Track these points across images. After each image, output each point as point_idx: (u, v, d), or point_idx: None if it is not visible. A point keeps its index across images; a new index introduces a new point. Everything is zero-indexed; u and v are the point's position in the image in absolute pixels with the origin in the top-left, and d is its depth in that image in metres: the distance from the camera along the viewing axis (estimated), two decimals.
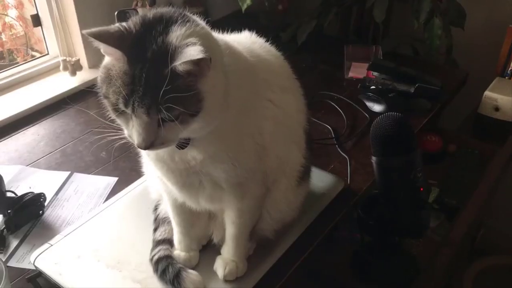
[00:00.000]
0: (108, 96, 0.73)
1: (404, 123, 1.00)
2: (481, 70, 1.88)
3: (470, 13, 1.84)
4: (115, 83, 0.71)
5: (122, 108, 0.72)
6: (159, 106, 0.69)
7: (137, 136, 0.73)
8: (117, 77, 0.71)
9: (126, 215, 1.16)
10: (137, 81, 0.70)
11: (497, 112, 1.68)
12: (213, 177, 0.87)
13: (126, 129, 0.76)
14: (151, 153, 0.85)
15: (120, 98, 0.71)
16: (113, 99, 0.72)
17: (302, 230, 1.11)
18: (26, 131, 1.54)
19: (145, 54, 0.70)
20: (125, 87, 0.70)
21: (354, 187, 1.28)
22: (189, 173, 0.86)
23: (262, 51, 0.96)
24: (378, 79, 1.66)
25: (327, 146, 1.45)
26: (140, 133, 0.72)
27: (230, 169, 0.86)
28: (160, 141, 0.73)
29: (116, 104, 0.72)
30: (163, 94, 0.68)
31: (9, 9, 1.95)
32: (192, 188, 0.91)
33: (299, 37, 1.90)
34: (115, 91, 0.71)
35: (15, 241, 1.13)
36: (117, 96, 0.71)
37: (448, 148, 1.64)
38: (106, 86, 0.73)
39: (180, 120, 0.72)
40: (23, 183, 1.30)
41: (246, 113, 0.86)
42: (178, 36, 0.72)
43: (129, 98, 0.70)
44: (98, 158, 1.41)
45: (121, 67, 0.71)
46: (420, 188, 1.03)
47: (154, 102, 0.69)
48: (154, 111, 0.70)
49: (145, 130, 0.72)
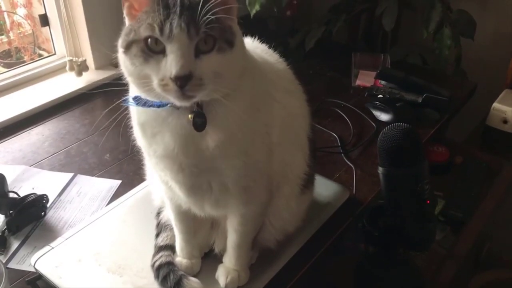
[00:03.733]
0: (138, 36, 0.70)
1: (412, 134, 0.98)
2: (490, 81, 1.87)
3: (479, 24, 1.82)
4: (145, 20, 0.70)
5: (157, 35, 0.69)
6: (198, 25, 0.68)
7: (175, 64, 0.68)
8: (148, 14, 0.70)
9: (129, 219, 1.15)
10: (172, 6, 0.69)
11: (505, 125, 1.67)
12: (222, 176, 0.86)
13: (157, 75, 0.71)
14: (162, 149, 0.81)
15: (156, 26, 0.68)
16: (146, 32, 0.69)
17: (306, 239, 1.10)
18: (31, 131, 1.54)
19: None
20: (159, 14, 0.68)
21: (360, 197, 1.27)
22: (199, 170, 0.84)
23: (266, 55, 0.95)
24: (385, 88, 1.65)
25: (333, 154, 1.43)
26: (179, 58, 0.68)
27: (240, 166, 0.84)
28: (198, 75, 0.70)
29: (149, 40, 0.69)
30: (201, 14, 0.68)
31: (18, 7, 1.96)
32: (199, 192, 0.89)
33: (307, 43, 1.89)
34: (147, 25, 0.69)
35: (16, 242, 1.12)
36: (151, 26, 0.69)
37: (455, 160, 1.63)
38: (134, 31, 0.71)
39: (217, 49, 0.71)
40: (26, 184, 1.29)
41: (257, 108, 0.85)
42: None
43: (165, 22, 0.68)
44: (102, 160, 1.40)
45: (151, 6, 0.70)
46: (427, 201, 1.02)
47: (192, 20, 0.68)
48: (193, 31, 0.68)
49: (185, 54, 0.68)
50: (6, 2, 1.97)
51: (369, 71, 1.80)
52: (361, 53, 1.88)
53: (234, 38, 0.74)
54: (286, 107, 0.92)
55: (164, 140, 0.80)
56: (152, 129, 0.81)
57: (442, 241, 1.41)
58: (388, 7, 1.82)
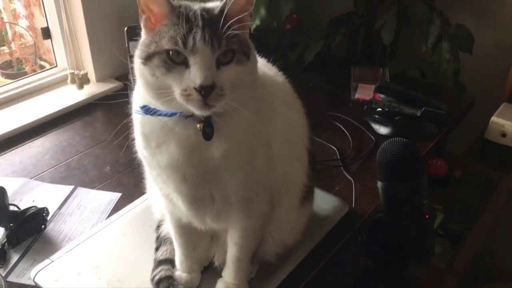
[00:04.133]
0: (160, 48, 0.73)
1: (411, 149, 0.99)
2: (488, 95, 1.88)
3: (478, 38, 1.84)
4: (167, 32, 0.72)
5: (179, 48, 0.71)
6: (220, 39, 0.71)
7: (199, 75, 0.71)
8: (168, 27, 0.73)
9: (128, 233, 1.15)
10: (193, 19, 0.72)
11: (504, 138, 1.67)
12: (225, 187, 0.86)
13: (179, 85, 0.73)
14: (166, 159, 0.82)
15: (179, 39, 0.71)
16: (169, 45, 0.72)
17: (305, 253, 1.10)
18: (32, 143, 1.54)
19: (193, 8, 0.75)
20: (182, 28, 0.71)
21: (359, 210, 1.27)
22: (202, 181, 0.84)
23: (266, 69, 0.96)
24: (384, 102, 1.66)
25: (333, 167, 1.44)
26: (203, 69, 0.71)
27: (243, 177, 0.85)
28: (220, 85, 0.72)
29: (170, 52, 0.72)
30: (223, 29, 0.72)
31: (20, 18, 1.98)
32: (201, 204, 0.90)
33: (306, 57, 1.91)
34: (170, 38, 0.72)
35: (16, 255, 1.12)
36: (173, 40, 0.71)
37: (454, 173, 1.63)
38: (156, 43, 0.73)
39: (236, 61, 0.74)
40: (26, 196, 1.30)
41: (261, 120, 0.85)
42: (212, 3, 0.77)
43: (187, 35, 0.71)
44: (102, 173, 1.40)
45: (170, 19, 0.73)
46: (426, 215, 1.02)
47: (214, 34, 0.71)
48: (216, 45, 0.71)
49: (208, 66, 0.71)
50: (8, 13, 1.99)
51: (368, 84, 1.81)
52: (360, 67, 1.89)
53: (250, 51, 0.78)
54: (286, 119, 0.93)
55: (169, 150, 0.81)
56: (156, 139, 0.82)
57: (441, 254, 1.41)
58: (387, 21, 1.84)
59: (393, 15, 1.85)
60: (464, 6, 2.02)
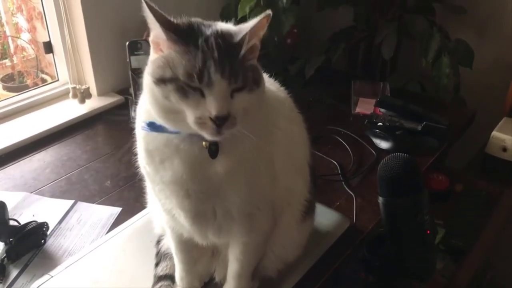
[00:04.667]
0: (176, 76, 0.72)
1: (412, 165, 0.99)
2: (489, 109, 1.88)
3: (478, 52, 1.85)
4: (180, 61, 0.71)
5: (195, 83, 0.71)
6: (236, 73, 0.71)
7: (216, 106, 0.71)
8: (181, 56, 0.71)
9: (128, 248, 1.14)
10: (208, 50, 0.71)
11: (505, 153, 1.67)
12: (227, 203, 0.86)
13: (194, 112, 0.72)
14: (170, 175, 0.82)
15: (194, 73, 0.70)
16: (185, 78, 0.71)
17: (306, 268, 1.09)
18: (33, 157, 1.54)
19: (204, 33, 0.73)
20: (197, 63, 0.70)
21: (360, 225, 1.27)
22: (205, 197, 0.84)
23: (268, 84, 0.96)
24: (385, 116, 1.67)
25: (334, 182, 1.44)
26: (219, 100, 0.71)
27: (245, 192, 0.85)
28: (233, 114, 0.73)
29: (186, 83, 0.71)
30: (238, 62, 0.72)
31: (22, 32, 1.99)
32: (203, 219, 0.89)
33: (307, 71, 1.92)
34: (185, 72, 0.71)
35: (15, 270, 1.11)
36: (189, 75, 0.70)
37: (455, 188, 1.63)
38: (171, 69, 0.72)
39: (248, 89, 0.74)
40: (26, 211, 1.30)
41: (262, 136, 0.85)
42: (226, 25, 0.77)
43: (203, 68, 0.70)
44: (103, 187, 1.40)
45: (182, 48, 0.72)
46: (427, 231, 1.02)
47: (230, 67, 0.71)
48: (232, 78, 0.71)
49: (224, 97, 0.72)
50: (11, 27, 2.01)
51: (369, 98, 1.82)
52: (360, 81, 1.90)
53: (260, 78, 0.78)
54: (288, 134, 0.94)
55: (173, 166, 0.81)
56: (160, 155, 0.82)
57: (443, 270, 1.40)
58: (387, 36, 1.85)
59: (393, 30, 1.86)
60: (464, 21, 2.04)
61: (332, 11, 2.03)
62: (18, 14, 1.97)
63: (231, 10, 1.92)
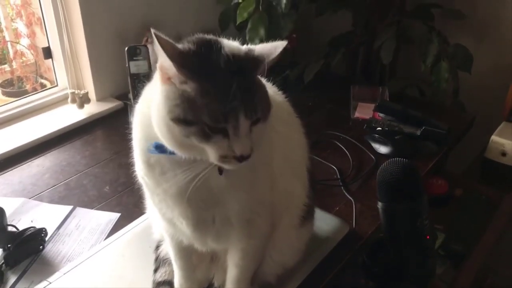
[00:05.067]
0: (199, 119, 0.69)
1: (411, 170, 0.99)
2: (488, 113, 1.89)
3: (476, 57, 1.85)
4: (203, 105, 0.68)
5: (221, 125, 0.69)
6: (257, 112, 0.71)
7: (241, 147, 0.71)
8: (202, 97, 0.69)
9: (127, 254, 1.14)
10: (230, 90, 0.68)
11: (504, 157, 1.67)
12: (226, 209, 0.86)
13: (217, 151, 0.71)
14: (174, 188, 0.81)
15: (220, 116, 0.69)
16: (210, 122, 0.69)
17: (305, 275, 1.09)
18: (31, 163, 1.54)
19: (218, 65, 0.70)
20: (220, 102, 0.68)
21: (359, 231, 1.26)
22: (206, 205, 0.84)
23: None
24: (384, 121, 1.67)
25: (333, 187, 1.43)
26: (244, 140, 0.71)
27: (245, 199, 0.85)
28: (253, 148, 0.73)
29: (211, 126, 0.69)
30: (255, 92, 0.71)
31: (22, 37, 1.99)
32: (203, 226, 0.89)
33: (306, 76, 1.92)
34: (210, 117, 0.68)
35: (13, 277, 1.11)
36: (214, 116, 0.69)
37: (454, 192, 1.62)
38: (192, 113, 0.69)
39: (263, 119, 0.74)
40: (25, 217, 1.29)
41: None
42: (235, 46, 0.74)
43: (228, 111, 0.68)
44: (101, 193, 1.40)
45: (199, 86, 0.69)
46: (427, 236, 1.02)
47: (252, 108, 0.70)
48: (254, 114, 0.71)
49: (247, 136, 0.71)
50: (10, 32, 2.01)
51: (368, 103, 1.82)
52: (359, 86, 1.90)
53: (269, 100, 0.76)
54: (285, 138, 0.93)
55: (176, 178, 0.79)
56: (161, 167, 0.81)
57: (443, 275, 1.39)
58: (386, 41, 1.86)
59: (392, 35, 1.86)
60: (462, 26, 2.04)
61: (331, 16, 2.04)
62: (17, 19, 1.97)
63: (230, 15, 1.92)
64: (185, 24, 1.96)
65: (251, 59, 0.73)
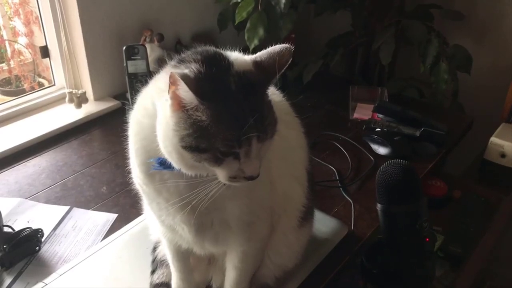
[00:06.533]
0: (212, 146, 0.69)
1: (410, 171, 0.98)
2: (487, 114, 1.88)
3: (476, 58, 1.85)
4: (218, 133, 0.68)
5: (234, 150, 0.69)
6: (267, 133, 0.72)
7: (251, 168, 0.72)
8: (217, 125, 0.68)
9: (124, 255, 1.13)
10: (243, 116, 0.69)
11: (503, 159, 1.67)
12: (226, 214, 0.85)
13: (228, 173, 0.72)
14: (176, 197, 0.80)
15: (234, 142, 0.68)
16: (224, 148, 0.69)
17: (304, 277, 1.08)
18: (28, 163, 1.53)
19: (229, 88, 0.70)
20: (235, 129, 0.68)
21: (358, 232, 1.25)
22: (207, 211, 0.82)
23: None
24: (383, 121, 1.66)
25: (331, 188, 1.43)
26: (255, 162, 0.72)
27: (245, 203, 0.85)
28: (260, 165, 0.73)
29: (224, 152, 0.69)
30: (265, 112, 0.72)
31: (19, 36, 1.98)
32: (202, 230, 0.88)
33: (305, 76, 1.91)
34: (224, 142, 0.68)
35: (9, 278, 1.10)
36: (229, 143, 0.69)
37: (453, 194, 1.62)
38: (205, 141, 0.69)
39: (271, 137, 0.74)
40: (21, 217, 1.28)
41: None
42: (243, 61, 0.75)
43: (242, 137, 0.68)
44: (98, 193, 1.39)
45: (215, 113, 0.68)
46: (426, 238, 1.01)
47: (263, 131, 0.71)
48: (263, 135, 0.71)
49: (258, 157, 0.72)
50: (8, 31, 2.00)
51: (367, 104, 1.81)
52: (358, 86, 1.90)
53: (277, 121, 0.77)
54: (283, 138, 0.92)
55: (178, 187, 0.79)
56: (161, 175, 0.80)
57: (442, 277, 1.39)
58: (385, 42, 1.85)
59: (391, 36, 1.86)
60: (462, 27, 2.04)
61: (330, 17, 2.03)
62: (15, 18, 1.95)
63: (229, 14, 1.91)
64: (183, 23, 1.95)
65: (261, 73, 0.73)
